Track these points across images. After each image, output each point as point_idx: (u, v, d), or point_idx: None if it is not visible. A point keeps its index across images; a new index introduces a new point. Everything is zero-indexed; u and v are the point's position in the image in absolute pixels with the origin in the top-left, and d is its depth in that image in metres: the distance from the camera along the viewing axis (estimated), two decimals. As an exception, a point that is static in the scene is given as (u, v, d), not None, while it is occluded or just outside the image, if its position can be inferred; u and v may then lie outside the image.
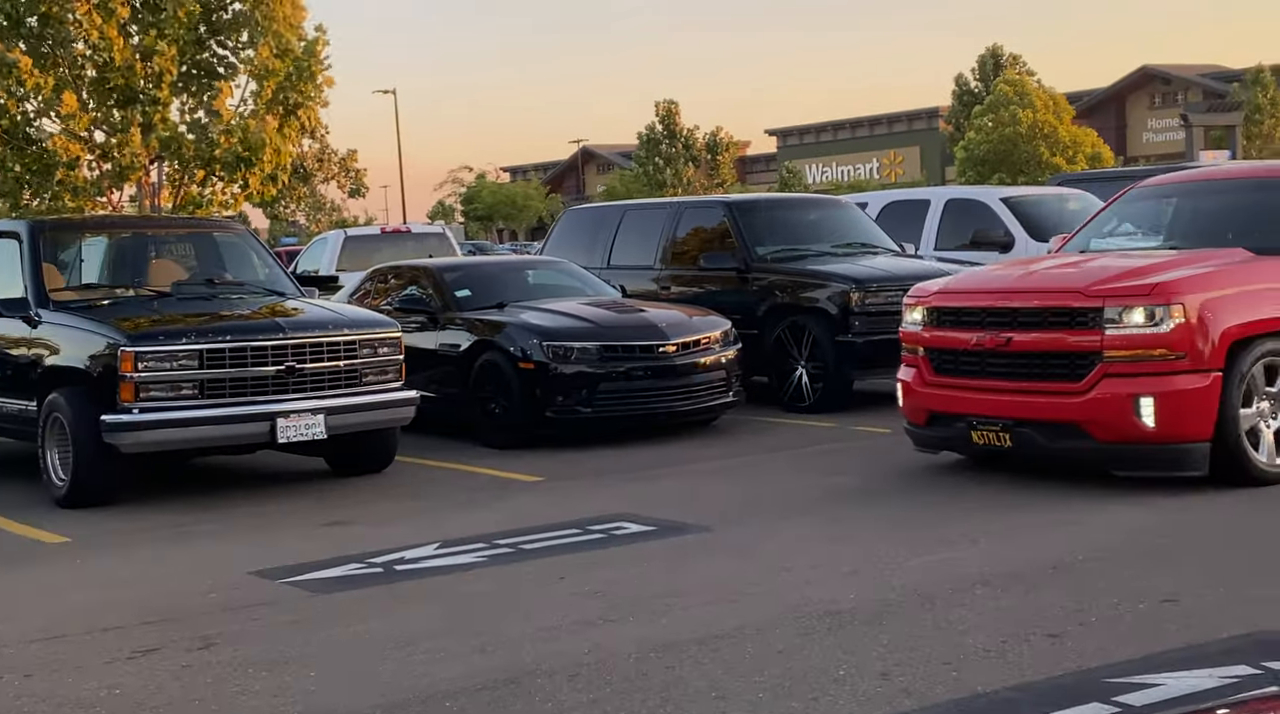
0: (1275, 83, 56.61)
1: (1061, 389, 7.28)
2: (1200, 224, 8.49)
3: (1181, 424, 7.08)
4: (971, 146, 45.08)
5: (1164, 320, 7.04)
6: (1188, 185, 9.16)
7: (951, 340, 7.84)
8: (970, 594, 5.50)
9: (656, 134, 65.23)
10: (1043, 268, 8.08)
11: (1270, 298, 7.40)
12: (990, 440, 7.62)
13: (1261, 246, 7.72)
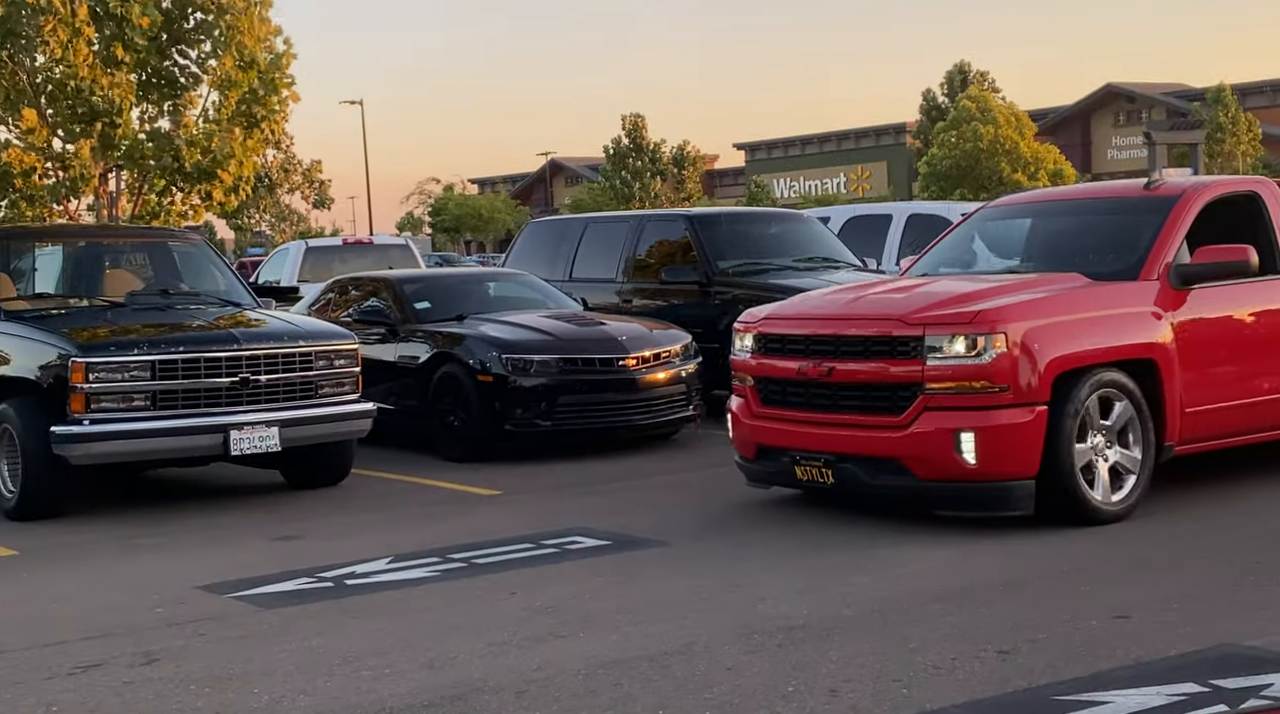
0: (1236, 102, 57.22)
1: (883, 422, 6.89)
2: (1047, 247, 8.21)
3: (1003, 461, 6.70)
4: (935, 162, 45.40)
5: (985, 350, 6.67)
6: (1038, 206, 8.97)
7: (777, 369, 7.43)
8: (923, 611, 5.49)
9: (623, 147, 65.30)
10: (872, 293, 7.69)
11: (1104, 326, 7.05)
12: (814, 476, 7.23)
13: (1099, 271, 7.43)
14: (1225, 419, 7.46)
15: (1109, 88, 74.34)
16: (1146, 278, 7.29)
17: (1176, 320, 7.23)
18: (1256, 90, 67.54)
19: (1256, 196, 7.99)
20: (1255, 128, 57.16)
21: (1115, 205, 8.27)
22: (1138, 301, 7.19)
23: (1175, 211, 7.57)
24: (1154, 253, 7.37)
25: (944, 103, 62.30)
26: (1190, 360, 7.23)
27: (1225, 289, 7.51)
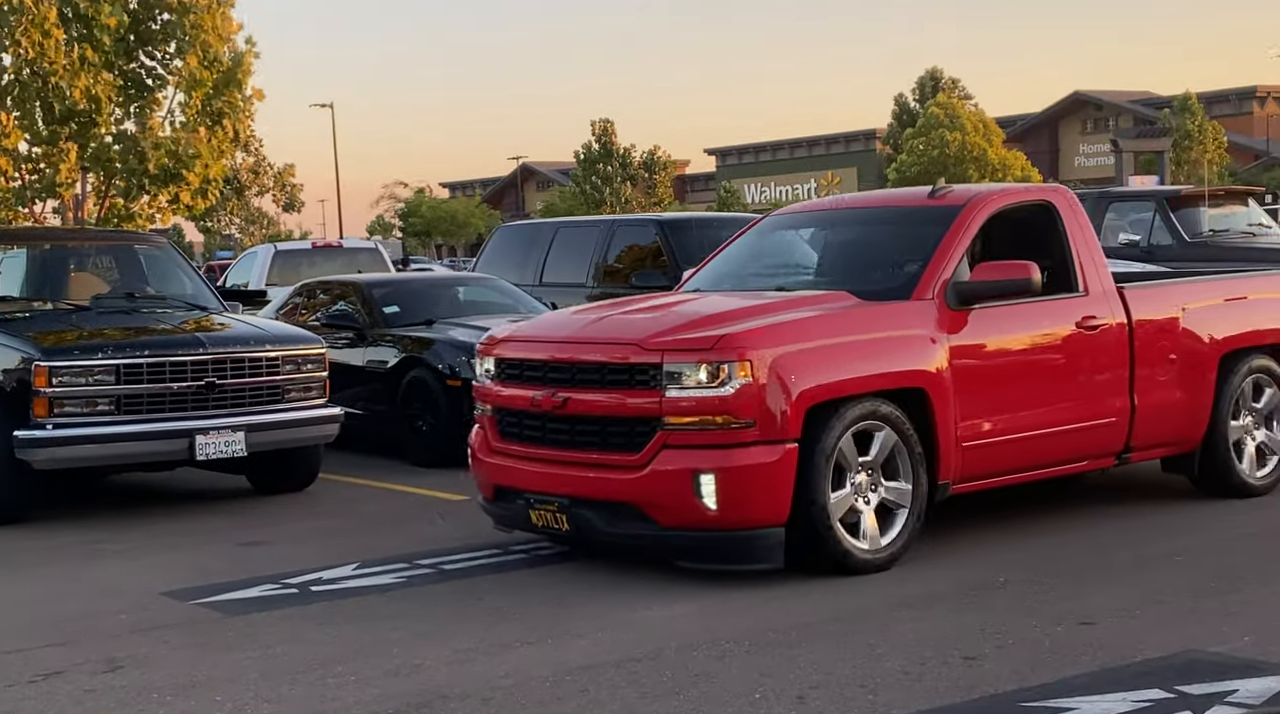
0: (1203, 110, 57.77)
1: (620, 462, 6.08)
2: (826, 261, 7.50)
3: (748, 506, 5.91)
4: (904, 168, 45.66)
5: (729, 380, 5.87)
6: (822, 215, 8.13)
7: (513, 399, 6.58)
8: (890, 617, 5.50)
9: (594, 152, 65.29)
10: (618, 313, 6.82)
11: (868, 352, 6.28)
12: (549, 522, 6.39)
13: (872, 289, 6.69)
14: (1009, 453, 6.69)
15: (1077, 95, 74.95)
16: (921, 297, 6.51)
17: (953, 344, 6.45)
18: (1222, 99, 68.28)
19: (1050, 207, 7.25)
20: (1221, 136, 57.74)
21: (899, 215, 7.51)
22: (910, 324, 6.42)
23: (957, 224, 6.83)
24: (929, 270, 6.59)
25: (916, 109, 62.60)
26: (969, 389, 6.47)
27: (1009, 309, 6.72)
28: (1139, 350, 7.14)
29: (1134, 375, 7.12)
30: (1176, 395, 7.30)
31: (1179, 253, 13.38)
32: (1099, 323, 7.01)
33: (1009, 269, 6.62)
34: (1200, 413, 7.40)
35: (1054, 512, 7.39)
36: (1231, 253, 13.42)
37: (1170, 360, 7.29)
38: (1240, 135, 66.08)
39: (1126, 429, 7.11)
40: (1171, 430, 7.35)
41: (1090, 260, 7.18)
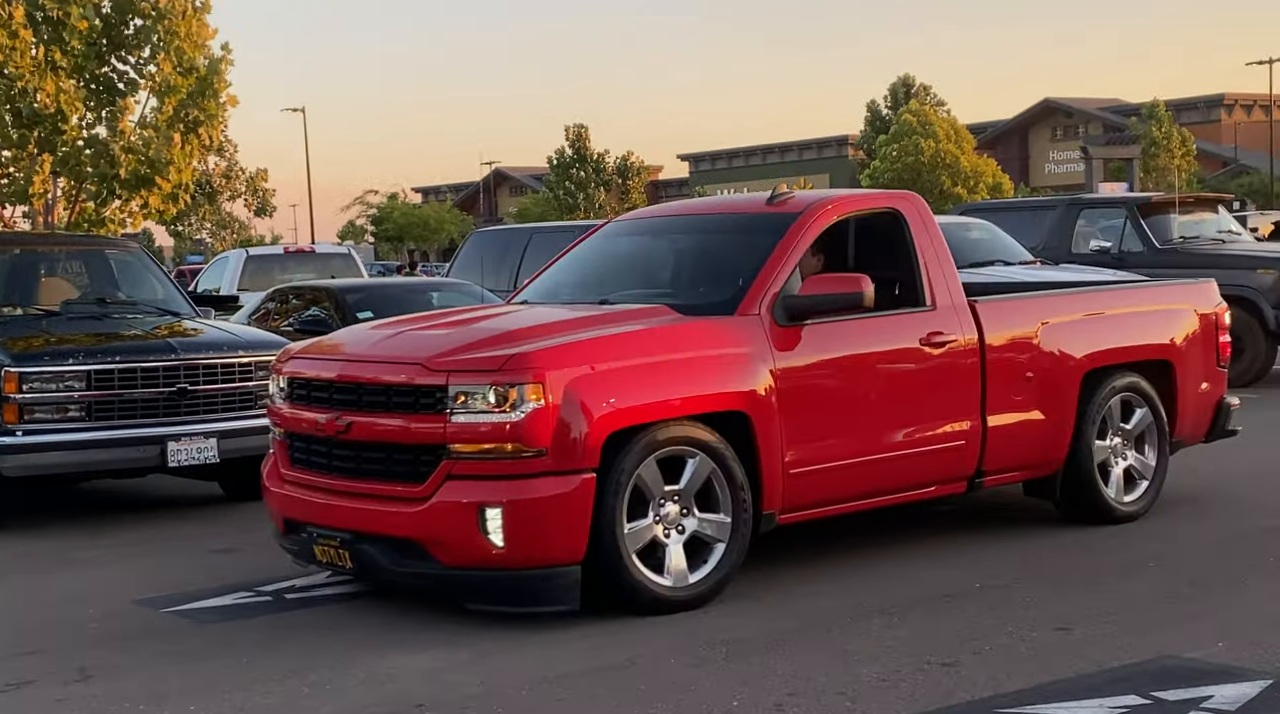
0: (1171, 118, 58.26)
1: (403, 494, 5.59)
2: (658, 272, 7.04)
3: (539, 543, 5.41)
4: (877, 174, 45.87)
5: (518, 404, 5.37)
6: (662, 222, 7.59)
7: (300, 421, 6.08)
8: (867, 623, 5.50)
9: (567, 158, 65.30)
10: (419, 327, 6.36)
11: (682, 373, 5.77)
12: (332, 558, 5.89)
13: (697, 304, 6.23)
14: (843, 480, 6.27)
15: (1047, 102, 75.48)
16: (746, 312, 6.05)
17: (781, 364, 5.99)
18: (1190, 106, 68.93)
19: (898, 216, 6.80)
20: (1189, 143, 58.24)
21: (736, 223, 6.96)
22: (731, 341, 5.93)
23: (790, 233, 6.37)
24: (757, 283, 6.14)
25: (888, 115, 62.88)
26: (798, 411, 6.02)
27: (846, 325, 6.27)
28: (991, 368, 6.68)
29: (985, 395, 6.66)
30: (1034, 416, 6.84)
31: (1150, 259, 13.47)
32: (946, 339, 6.55)
33: (839, 282, 6.16)
34: (1061, 434, 6.94)
35: (1024, 517, 7.41)
36: (1202, 259, 13.52)
37: (1027, 379, 6.81)
38: (1208, 143, 66.72)
39: (978, 452, 6.66)
40: (1030, 453, 6.90)
41: (939, 272, 6.70)
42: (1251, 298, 12.95)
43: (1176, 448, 7.66)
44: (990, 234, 13.25)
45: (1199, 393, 7.65)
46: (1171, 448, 7.56)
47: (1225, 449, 9.67)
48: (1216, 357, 7.78)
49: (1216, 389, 7.81)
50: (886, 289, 6.70)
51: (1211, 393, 7.76)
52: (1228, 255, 13.60)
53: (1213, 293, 7.91)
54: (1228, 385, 7.96)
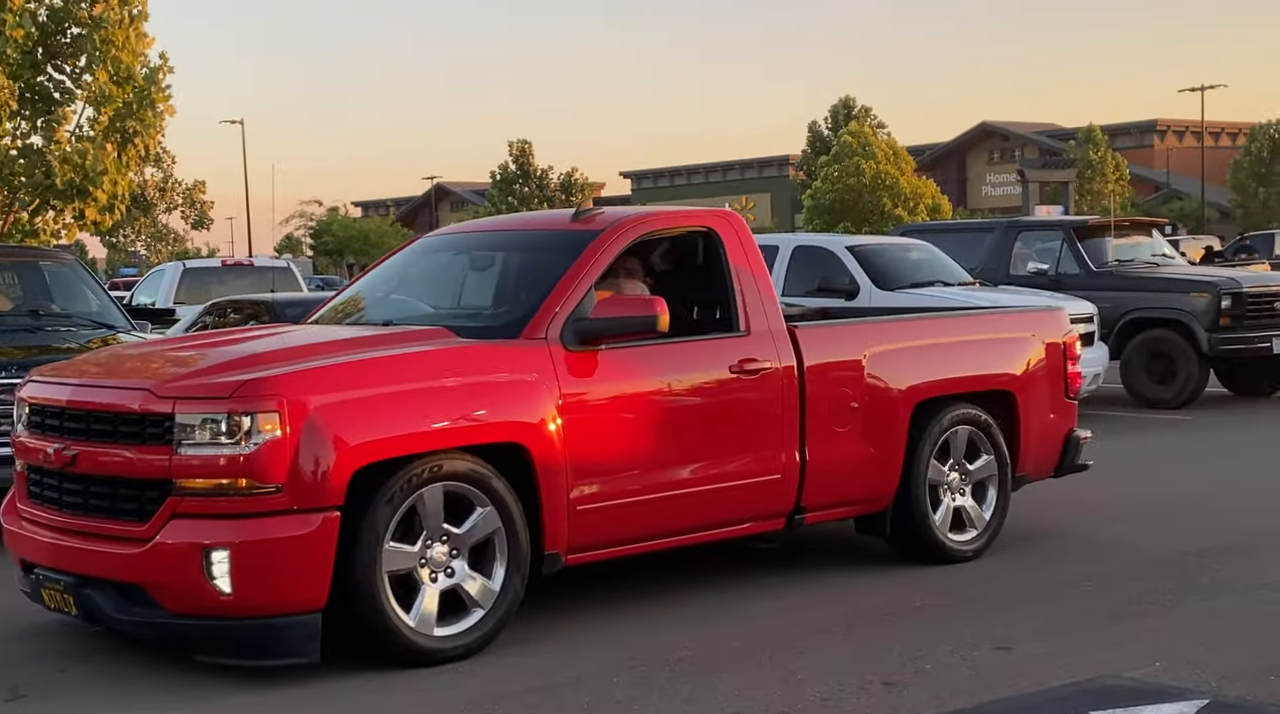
0: (1106, 142, 59.26)
1: (128, 533, 5.08)
2: (454, 291, 6.68)
3: (272, 588, 4.91)
4: (818, 195, 46.23)
5: (251, 435, 4.87)
6: (466, 238, 7.14)
7: (34, 451, 5.57)
8: (809, 642, 5.51)
9: (510, 173, 65.20)
10: (171, 348, 6.01)
11: (445, 400, 5.27)
12: (59, 604, 5.39)
13: (476, 327, 5.85)
14: (641, 517, 5.84)
15: (984, 126, 76.53)
16: (532, 336, 5.63)
17: (570, 392, 5.56)
18: (1124, 132, 70.16)
19: (713, 235, 6.41)
20: (1123, 168, 59.26)
21: (538, 241, 6.57)
22: (513, 367, 5.49)
23: (588, 252, 5.96)
24: (546, 304, 5.73)
25: (829, 136, 63.44)
26: (589, 444, 5.59)
27: (648, 351, 5.87)
28: (812, 398, 6.28)
29: (805, 426, 6.27)
30: (861, 449, 6.46)
31: (1085, 282, 13.68)
32: (760, 366, 6.13)
33: (631, 305, 5.78)
34: (890, 468, 6.56)
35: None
36: (1136, 283, 13.76)
37: (852, 409, 6.42)
38: (1141, 167, 67.93)
39: (796, 487, 6.28)
40: (856, 487, 6.53)
41: (756, 296, 6.29)
42: (1185, 321, 13.19)
43: (1020, 484, 7.23)
44: (930, 255, 13.38)
45: (1045, 426, 7.23)
46: (1015, 484, 7.16)
47: (1159, 470, 9.83)
48: (1065, 387, 7.33)
49: (1065, 422, 7.37)
50: (709, 312, 6.44)
51: (1059, 426, 7.32)
52: (1162, 279, 13.84)
53: (1061, 321, 7.50)
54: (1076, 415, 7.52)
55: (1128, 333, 13.51)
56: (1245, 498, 8.61)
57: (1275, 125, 58.00)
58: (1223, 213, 61.73)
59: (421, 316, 6.26)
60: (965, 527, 6.92)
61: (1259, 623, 5.64)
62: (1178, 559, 6.87)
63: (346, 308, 6.75)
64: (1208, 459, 10.36)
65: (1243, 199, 57.85)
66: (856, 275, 12.74)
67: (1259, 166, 57.17)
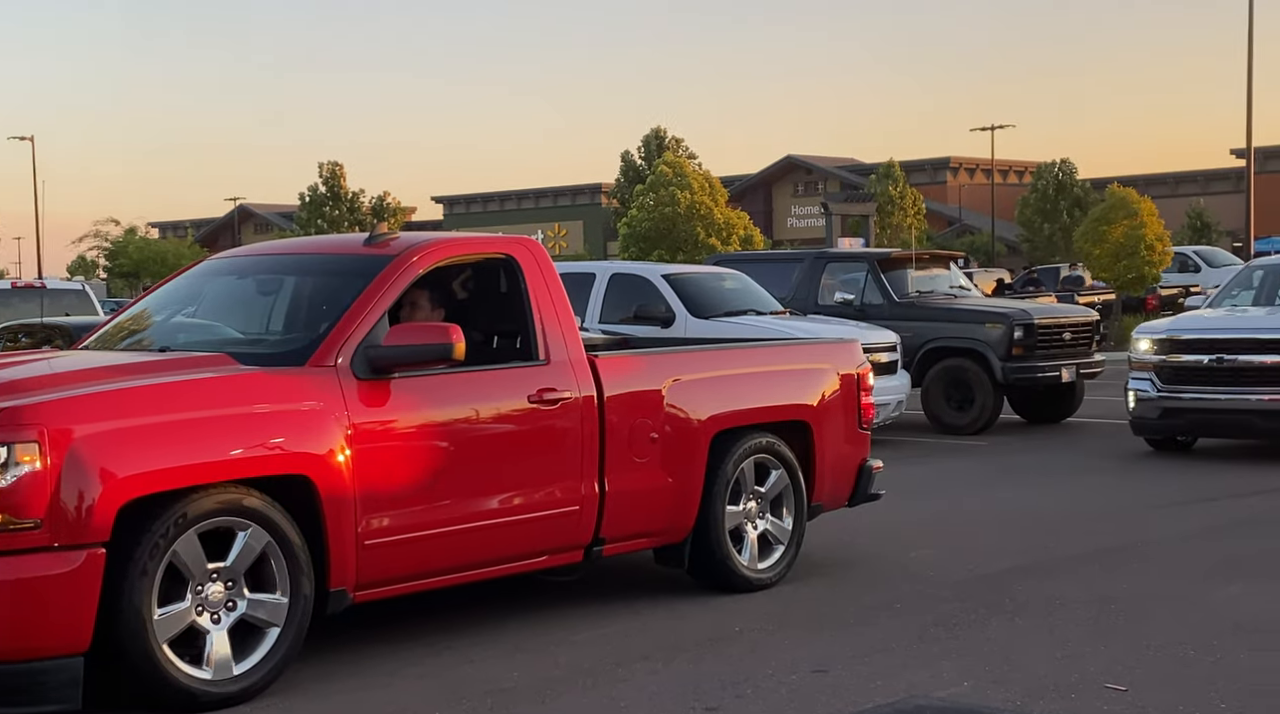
0: (904, 178, 61.61)
1: None
2: (241, 316, 6.48)
3: (24, 631, 4.61)
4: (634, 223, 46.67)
5: (8, 467, 4.61)
6: (254, 261, 6.94)
7: None
8: (631, 669, 5.52)
9: (320, 195, 63.91)
10: None
11: (223, 431, 5.07)
12: None
13: (261, 353, 5.67)
14: (430, 551, 5.67)
15: (789, 159, 78.71)
16: (320, 363, 5.45)
17: (359, 422, 5.38)
18: (919, 168, 73.07)
19: (512, 263, 6.33)
20: (920, 202, 61.67)
21: (330, 265, 6.41)
22: (297, 396, 5.29)
23: (381, 278, 5.83)
24: (335, 331, 5.56)
25: (642, 166, 64.19)
26: (377, 475, 5.41)
27: (443, 380, 5.74)
28: (612, 428, 6.24)
29: (604, 457, 6.22)
30: (660, 479, 6.45)
31: (889, 312, 14.18)
32: (559, 396, 6.06)
33: (425, 332, 5.62)
34: (689, 498, 6.58)
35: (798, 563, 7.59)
36: (935, 313, 14.33)
37: (651, 440, 6.40)
38: (936, 202, 70.84)
39: (595, 518, 6.22)
40: (655, 518, 6.51)
41: (555, 325, 6.25)
42: (981, 351, 13.78)
43: (816, 513, 7.33)
44: (743, 284, 13.65)
45: (839, 455, 7.35)
46: (811, 513, 7.25)
47: (960, 494, 10.21)
48: (859, 418, 7.46)
49: (859, 452, 7.50)
50: (509, 342, 6.40)
51: (853, 456, 7.47)
52: (959, 309, 14.44)
53: (855, 353, 7.61)
54: (869, 446, 7.61)
55: (928, 361, 14.04)
56: (1040, 520, 9.01)
57: (1059, 165, 61.23)
58: (1011, 247, 64.81)
59: (202, 342, 6.03)
60: (765, 555, 7.00)
61: (1059, 640, 5.89)
62: (980, 580, 7.14)
63: (122, 332, 6.49)
64: (1004, 483, 10.82)
65: (1030, 234, 60.82)
66: (672, 303, 12.91)
67: (1044, 203, 60.22)
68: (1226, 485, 10.18)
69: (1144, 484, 10.45)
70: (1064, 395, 14.59)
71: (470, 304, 6.62)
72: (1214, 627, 6.05)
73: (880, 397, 12.58)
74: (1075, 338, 14.44)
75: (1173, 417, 11.66)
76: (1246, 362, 11.23)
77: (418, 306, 6.31)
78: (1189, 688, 5.14)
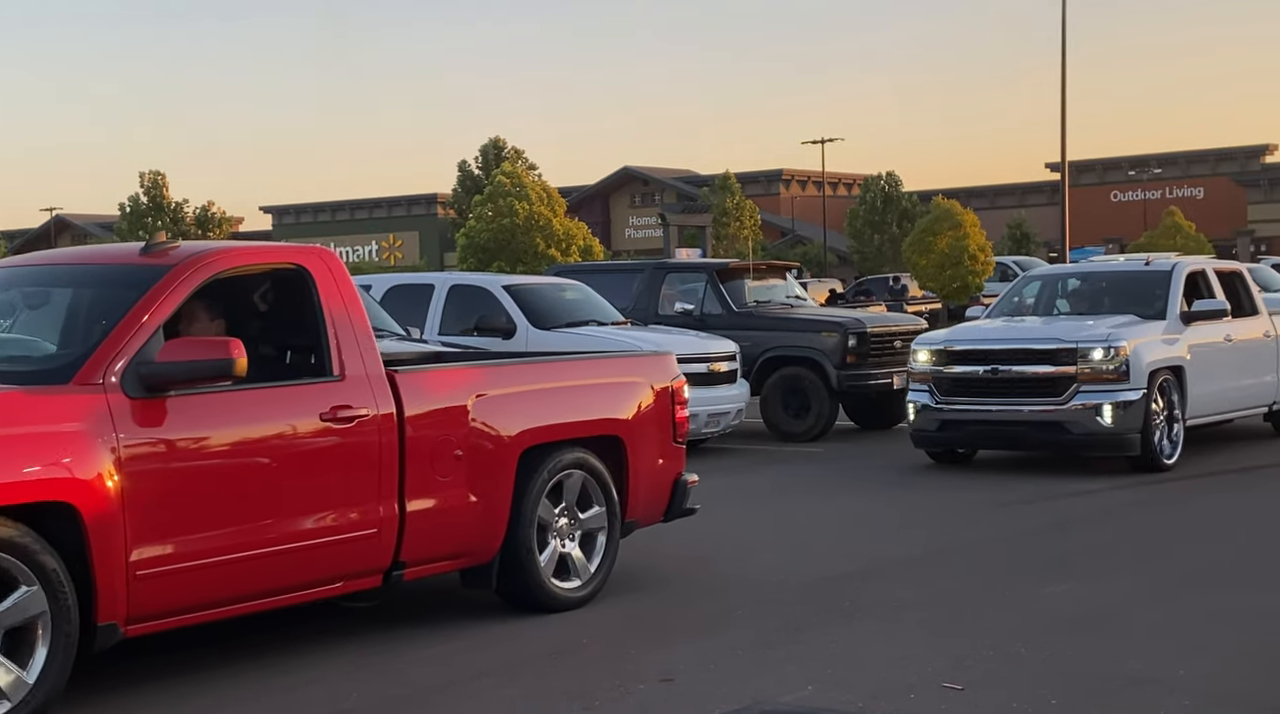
0: (739, 189, 62.63)
1: None
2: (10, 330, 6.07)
3: None
4: (473, 234, 46.40)
5: None
6: (20, 272, 6.49)
7: None
8: (475, 686, 5.45)
9: (142, 206, 61.81)
10: None
11: None
12: None
13: (19, 371, 5.30)
14: (211, 581, 5.33)
15: (626, 170, 79.29)
16: (87, 381, 5.10)
17: (130, 444, 5.05)
18: (753, 179, 74.48)
19: (303, 273, 5.99)
20: (755, 214, 62.76)
21: (102, 276, 5.99)
22: (58, 416, 4.94)
23: (155, 290, 5.48)
24: (102, 348, 5.23)
25: (480, 176, 63.83)
26: (150, 501, 5.08)
27: (225, 398, 5.42)
28: (413, 446, 5.96)
29: (405, 476, 5.95)
30: (465, 499, 6.19)
31: (728, 322, 14.35)
32: (355, 414, 5.77)
33: (203, 347, 5.29)
34: (496, 518, 6.34)
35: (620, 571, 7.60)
36: (773, 322, 14.57)
37: (456, 457, 6.15)
38: (769, 213, 72.26)
39: (394, 541, 5.94)
40: (461, 540, 6.26)
41: (351, 338, 5.94)
42: (817, 359, 14.04)
43: (630, 529, 7.14)
44: (584, 295, 13.66)
45: (654, 470, 7.16)
46: (625, 529, 7.07)
47: (797, 500, 10.39)
48: (673, 432, 7.28)
49: (674, 466, 7.32)
50: (302, 357, 6.10)
51: (668, 470, 7.27)
52: (796, 319, 14.70)
53: (669, 366, 7.41)
54: (684, 460, 7.45)
55: (766, 370, 14.25)
56: (876, 523, 9.23)
57: (885, 178, 63.05)
58: (842, 257, 66.48)
59: None
60: (577, 573, 6.76)
61: (898, 641, 6.02)
62: (819, 585, 7.26)
63: None
64: (840, 488, 11.04)
65: (859, 245, 62.47)
66: (513, 315, 12.85)
67: (873, 215, 61.93)
68: (1041, 489, 10.54)
69: (970, 488, 10.77)
70: (895, 402, 14.96)
71: (259, 317, 6.28)
72: (1044, 624, 6.27)
73: (720, 405, 12.79)
74: (905, 346, 14.81)
75: (951, 429, 11.49)
76: (1019, 372, 11.17)
77: (197, 320, 5.87)
78: (1022, 686, 5.30)
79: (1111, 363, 10.92)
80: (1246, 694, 5.14)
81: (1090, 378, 10.94)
